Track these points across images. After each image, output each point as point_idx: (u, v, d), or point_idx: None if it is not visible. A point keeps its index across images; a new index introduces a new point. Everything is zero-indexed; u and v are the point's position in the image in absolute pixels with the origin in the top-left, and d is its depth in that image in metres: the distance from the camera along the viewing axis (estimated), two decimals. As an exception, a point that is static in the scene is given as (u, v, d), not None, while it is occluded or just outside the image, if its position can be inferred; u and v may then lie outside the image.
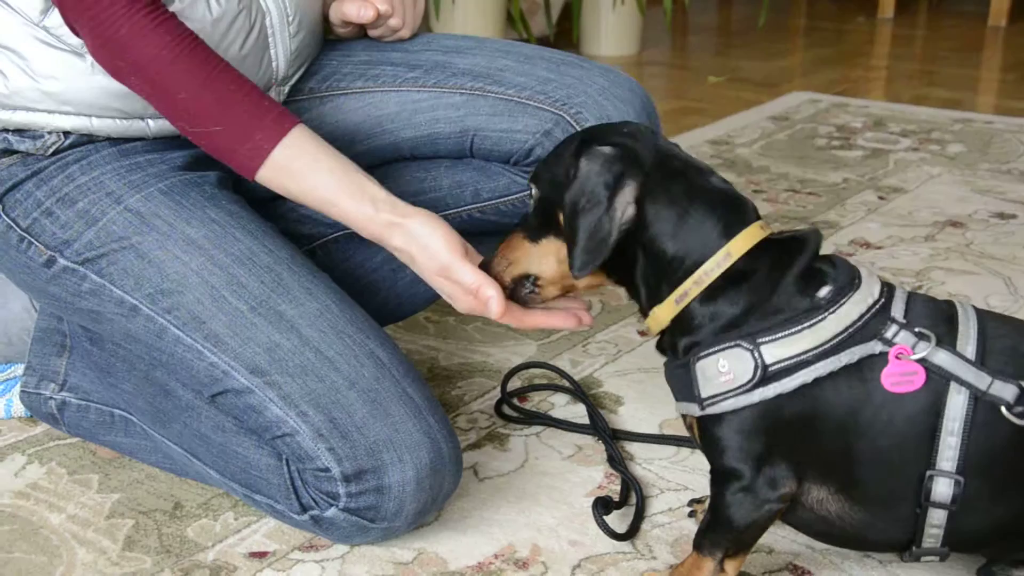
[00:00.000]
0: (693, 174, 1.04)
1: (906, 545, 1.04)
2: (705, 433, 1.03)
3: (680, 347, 1.04)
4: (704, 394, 1.00)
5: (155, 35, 1.10)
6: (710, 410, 1.00)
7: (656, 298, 1.04)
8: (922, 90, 3.44)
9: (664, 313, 1.04)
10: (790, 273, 1.00)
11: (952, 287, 1.87)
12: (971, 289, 1.86)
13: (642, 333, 1.71)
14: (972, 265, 1.98)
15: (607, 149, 1.01)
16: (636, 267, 1.05)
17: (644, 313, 1.08)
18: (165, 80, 1.11)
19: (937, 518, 1.01)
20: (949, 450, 0.98)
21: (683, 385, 1.03)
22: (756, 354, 0.98)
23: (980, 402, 0.97)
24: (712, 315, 1.01)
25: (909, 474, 1.00)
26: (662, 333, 1.07)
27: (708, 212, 1.02)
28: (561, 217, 1.04)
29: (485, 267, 1.13)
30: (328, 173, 1.14)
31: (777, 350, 0.98)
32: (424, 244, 1.13)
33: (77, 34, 1.15)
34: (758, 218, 1.04)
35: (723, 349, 0.99)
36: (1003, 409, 0.97)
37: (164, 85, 1.12)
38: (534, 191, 1.08)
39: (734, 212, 1.02)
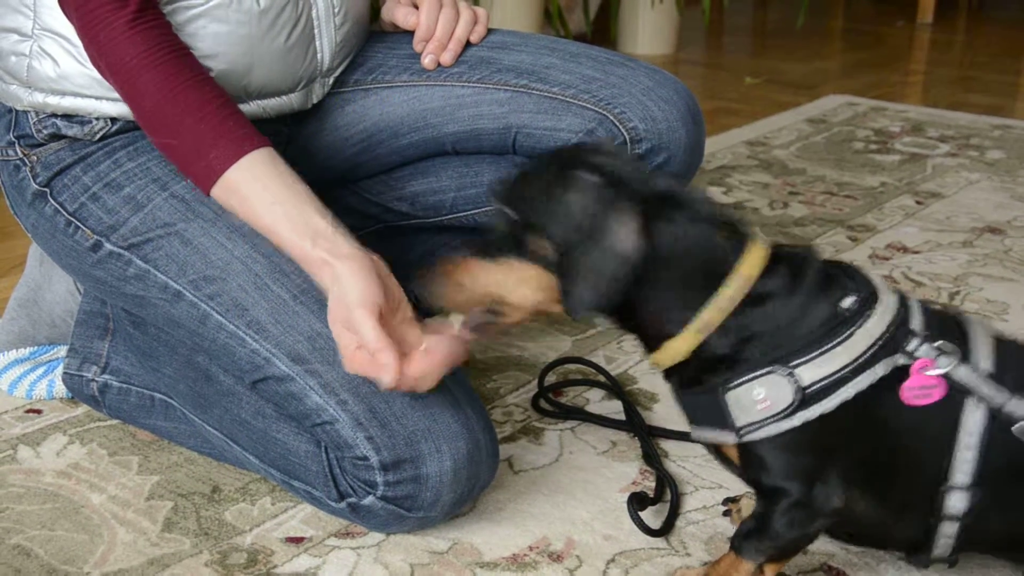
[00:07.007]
0: (684, 193, 0.97)
1: (922, 547, 1.05)
2: (747, 456, 1.00)
3: (705, 379, 0.98)
4: (741, 423, 0.97)
5: (130, 43, 1.12)
6: (749, 438, 0.97)
7: (668, 332, 0.98)
8: (961, 95, 3.42)
9: (683, 345, 0.97)
10: (806, 287, 0.96)
11: (990, 294, 1.86)
12: (1010, 296, 1.85)
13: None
14: (1011, 272, 1.97)
15: (594, 178, 0.93)
16: (642, 301, 0.97)
17: (652, 348, 1.00)
18: (132, 87, 1.14)
19: (949, 529, 1.01)
20: (965, 463, 0.99)
21: (711, 414, 0.99)
22: (793, 378, 0.95)
23: (996, 418, 0.98)
24: (738, 343, 0.96)
25: (926, 483, 1.00)
26: (672, 367, 1.00)
27: (716, 233, 0.96)
28: (539, 243, 0.95)
29: (426, 303, 1.03)
30: (274, 203, 1.12)
31: (813, 371, 0.95)
32: (343, 289, 1.07)
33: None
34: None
35: (756, 377, 0.96)
36: (1015, 428, 0.97)
37: (131, 92, 1.14)
38: (508, 213, 0.98)
39: (737, 231, 0.97)
